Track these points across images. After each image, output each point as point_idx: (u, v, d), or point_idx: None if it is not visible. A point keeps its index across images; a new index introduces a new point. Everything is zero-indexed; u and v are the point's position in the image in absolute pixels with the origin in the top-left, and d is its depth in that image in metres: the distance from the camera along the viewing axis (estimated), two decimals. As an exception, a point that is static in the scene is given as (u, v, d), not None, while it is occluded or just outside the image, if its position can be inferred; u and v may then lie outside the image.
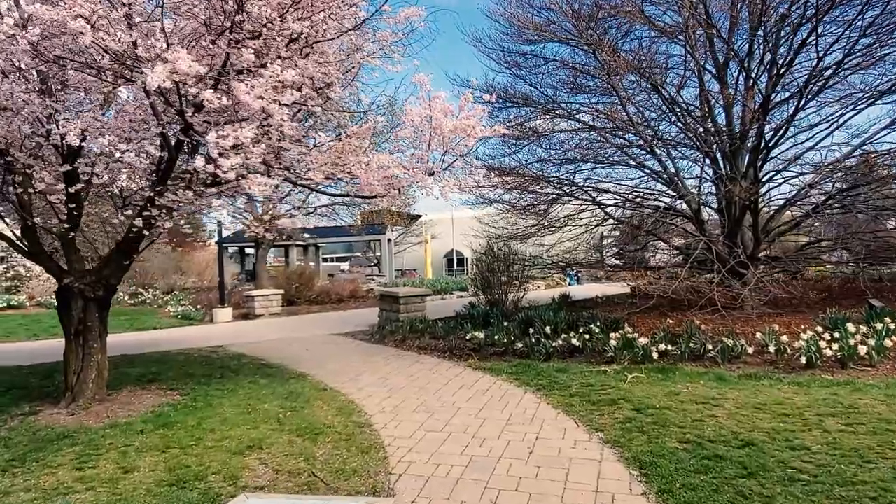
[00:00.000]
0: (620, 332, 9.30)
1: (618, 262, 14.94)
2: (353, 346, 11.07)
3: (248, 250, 33.56)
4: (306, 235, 30.68)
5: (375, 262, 39.42)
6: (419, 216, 39.20)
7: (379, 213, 29.74)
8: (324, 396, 7.21)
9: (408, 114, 7.60)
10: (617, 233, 14.60)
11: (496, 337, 9.84)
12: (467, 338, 10.22)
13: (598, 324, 9.99)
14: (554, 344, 9.11)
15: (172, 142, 5.82)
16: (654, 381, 7.33)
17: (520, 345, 9.36)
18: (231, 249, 36.27)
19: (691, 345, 8.45)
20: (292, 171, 6.70)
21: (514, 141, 13.58)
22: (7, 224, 6.73)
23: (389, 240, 35.40)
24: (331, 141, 7.02)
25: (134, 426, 6.05)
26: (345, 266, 49.91)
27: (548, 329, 9.80)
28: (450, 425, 6.00)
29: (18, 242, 6.74)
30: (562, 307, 12.75)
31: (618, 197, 13.02)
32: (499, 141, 13.97)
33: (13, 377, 8.46)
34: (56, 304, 6.95)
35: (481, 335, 10.01)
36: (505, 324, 10.71)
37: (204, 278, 29.94)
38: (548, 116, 13.09)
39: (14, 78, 5.22)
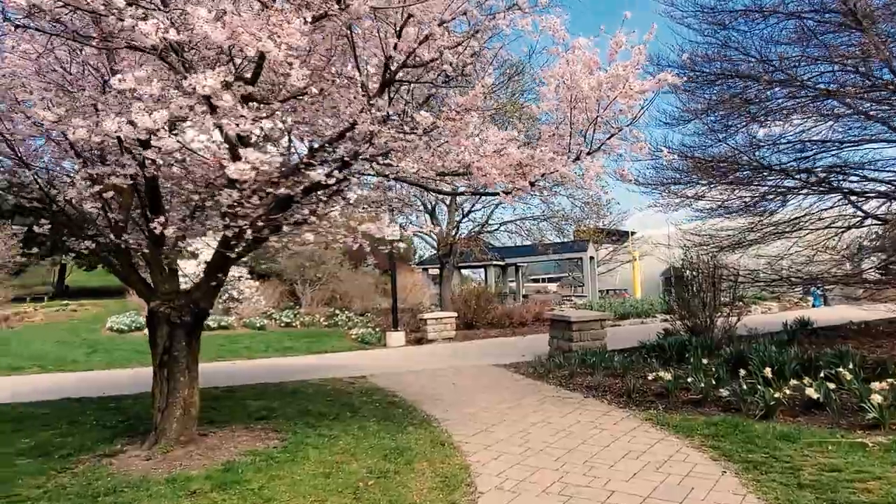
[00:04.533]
0: (889, 380, 6.13)
1: (881, 275, 10.81)
2: (509, 382, 9.15)
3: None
4: (498, 254, 29.65)
5: (582, 282, 36.87)
6: (628, 233, 35.86)
7: (582, 230, 27.71)
8: (433, 456, 5.47)
9: (545, 79, 5.70)
10: (876, 237, 10.60)
11: (689, 379, 7.20)
12: (650, 378, 7.72)
13: (851, 366, 6.84)
14: (777, 395, 6.25)
15: (230, 133, 4.60)
16: (958, 471, 4.35)
17: (725, 392, 6.67)
18: (432, 272, 36.72)
19: None
20: (380, 162, 5.17)
21: (721, 125, 10.68)
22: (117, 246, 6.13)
23: (592, 258, 32.75)
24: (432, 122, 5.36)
25: (192, 483, 4.92)
26: (553, 287, 47.96)
27: (768, 371, 6.88)
28: (588, 524, 3.90)
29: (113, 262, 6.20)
30: (794, 338, 9.42)
31: (881, 185, 9.32)
32: (701, 126, 11.12)
33: (143, 405, 8.11)
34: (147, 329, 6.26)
35: (668, 376, 7.42)
36: (704, 361, 7.95)
37: (406, 301, 30.19)
38: (768, 87, 9.92)
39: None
